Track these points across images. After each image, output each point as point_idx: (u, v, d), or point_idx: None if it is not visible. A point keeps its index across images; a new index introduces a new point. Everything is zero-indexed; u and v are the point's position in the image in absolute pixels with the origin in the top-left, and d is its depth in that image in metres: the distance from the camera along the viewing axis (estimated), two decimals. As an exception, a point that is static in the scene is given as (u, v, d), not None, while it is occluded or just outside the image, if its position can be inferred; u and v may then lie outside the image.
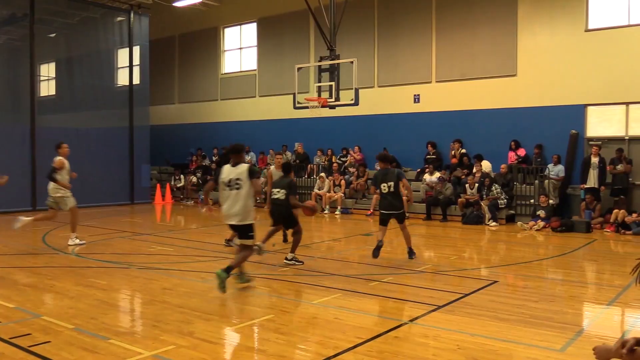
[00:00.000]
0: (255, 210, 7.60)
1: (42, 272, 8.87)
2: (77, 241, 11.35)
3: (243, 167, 7.35)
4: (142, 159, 21.99)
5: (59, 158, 11.09)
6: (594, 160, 14.52)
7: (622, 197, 14.14)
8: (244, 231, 7.47)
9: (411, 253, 9.85)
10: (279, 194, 9.39)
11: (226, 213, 7.41)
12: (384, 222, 9.74)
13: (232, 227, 7.68)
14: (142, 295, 7.55)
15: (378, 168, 10.02)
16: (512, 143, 16.42)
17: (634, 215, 13.43)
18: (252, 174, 7.31)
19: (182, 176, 22.85)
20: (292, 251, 9.39)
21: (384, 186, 9.54)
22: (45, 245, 11.51)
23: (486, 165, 16.19)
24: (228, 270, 7.14)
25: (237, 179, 7.27)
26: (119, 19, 21.91)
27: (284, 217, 9.55)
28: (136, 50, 22.04)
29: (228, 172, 7.37)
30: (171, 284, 7.96)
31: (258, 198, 8.28)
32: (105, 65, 21.77)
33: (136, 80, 22.06)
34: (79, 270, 8.97)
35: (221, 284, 6.99)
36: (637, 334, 2.81)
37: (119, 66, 22.24)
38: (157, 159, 23.92)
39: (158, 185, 22.06)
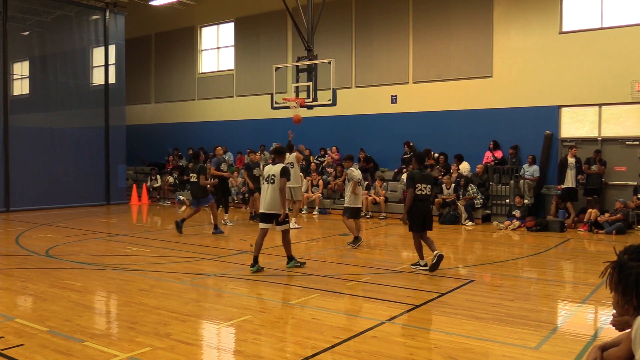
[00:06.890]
0: None
1: (14, 274, 8.72)
2: (296, 225, 13.42)
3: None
4: (118, 159, 21.76)
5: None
6: (571, 160, 14.70)
7: (595, 196, 14.38)
8: None
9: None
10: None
11: None
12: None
13: None
14: (118, 296, 7.47)
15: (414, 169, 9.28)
16: (491, 143, 16.54)
17: (607, 214, 13.67)
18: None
19: (158, 176, 22.65)
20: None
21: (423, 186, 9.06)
22: (19, 247, 11.32)
23: (464, 167, 16.32)
24: None
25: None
26: (94, 17, 21.63)
27: None
28: (112, 49, 21.78)
29: None
30: (147, 285, 7.89)
31: None
32: (80, 64, 21.46)
33: (112, 79, 21.79)
34: (53, 272, 8.84)
35: None
36: (608, 334, 2.86)
37: (94, 65, 21.95)
38: (133, 159, 23.70)
39: (134, 186, 21.84)
